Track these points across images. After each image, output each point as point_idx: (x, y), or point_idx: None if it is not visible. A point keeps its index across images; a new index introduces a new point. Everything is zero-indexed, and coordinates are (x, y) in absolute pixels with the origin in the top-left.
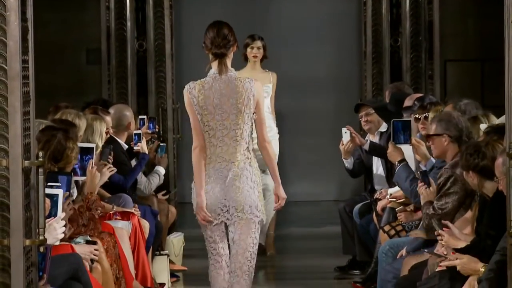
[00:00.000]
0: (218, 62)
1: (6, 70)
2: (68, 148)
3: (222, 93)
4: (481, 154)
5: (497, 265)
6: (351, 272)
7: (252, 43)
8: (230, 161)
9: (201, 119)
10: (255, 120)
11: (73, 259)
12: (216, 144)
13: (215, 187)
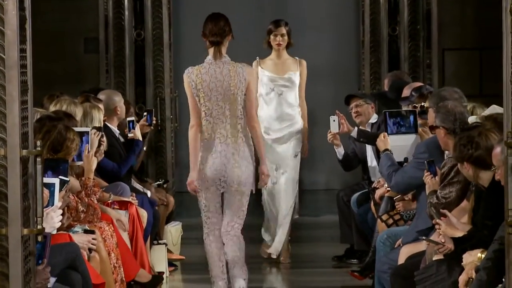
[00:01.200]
0: (214, 49)
1: (4, 59)
2: (68, 139)
3: (217, 77)
4: (474, 145)
5: (495, 254)
6: (348, 261)
7: (275, 30)
8: (228, 137)
9: (199, 100)
10: (245, 100)
11: (71, 248)
12: (213, 122)
13: (214, 160)
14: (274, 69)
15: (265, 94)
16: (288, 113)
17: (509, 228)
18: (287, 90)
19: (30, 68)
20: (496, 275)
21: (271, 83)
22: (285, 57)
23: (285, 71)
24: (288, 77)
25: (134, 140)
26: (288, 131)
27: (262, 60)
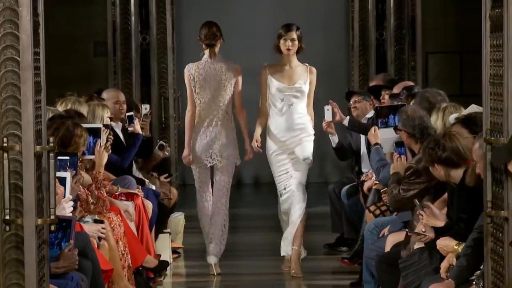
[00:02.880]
0: (209, 50)
1: (18, 62)
2: (76, 135)
3: (211, 72)
4: (441, 147)
5: (474, 242)
6: (339, 248)
7: (285, 34)
8: (215, 121)
9: (195, 91)
10: (233, 92)
11: (81, 237)
12: (205, 108)
13: (204, 139)
14: (283, 78)
15: (275, 105)
16: (298, 122)
17: (487, 218)
18: (297, 101)
19: (43, 70)
20: (476, 261)
21: (280, 94)
22: (295, 63)
23: (295, 80)
24: (298, 87)
25: (134, 134)
26: (297, 139)
27: (271, 66)
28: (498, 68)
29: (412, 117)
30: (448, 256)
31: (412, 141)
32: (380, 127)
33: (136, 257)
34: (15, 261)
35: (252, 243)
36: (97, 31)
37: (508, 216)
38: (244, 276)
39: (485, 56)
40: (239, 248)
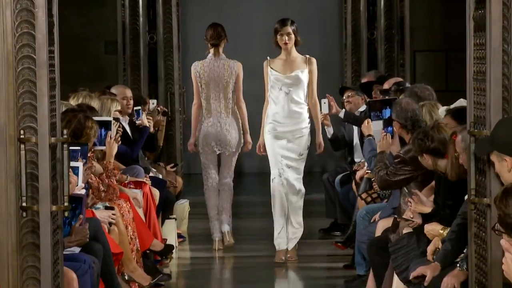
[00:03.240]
0: (213, 49)
1: (34, 59)
2: (87, 127)
3: (215, 70)
4: (430, 138)
5: (458, 228)
6: (333, 233)
7: (281, 29)
8: (221, 112)
9: (201, 86)
10: (235, 87)
11: (93, 222)
12: (210, 102)
13: (212, 129)
14: (282, 69)
15: (273, 94)
16: (295, 111)
17: (471, 204)
18: (294, 89)
19: (58, 67)
20: (460, 245)
21: (278, 83)
22: (294, 55)
23: (292, 70)
24: (295, 75)
25: (142, 126)
26: (295, 128)
27: (272, 60)
28: (481, 65)
29: (405, 109)
30: (434, 240)
31: (403, 132)
32: (373, 119)
33: (144, 241)
34: (31, 245)
35: (253, 228)
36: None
37: (490, 203)
38: (245, 258)
39: (469, 54)
40: (241, 232)
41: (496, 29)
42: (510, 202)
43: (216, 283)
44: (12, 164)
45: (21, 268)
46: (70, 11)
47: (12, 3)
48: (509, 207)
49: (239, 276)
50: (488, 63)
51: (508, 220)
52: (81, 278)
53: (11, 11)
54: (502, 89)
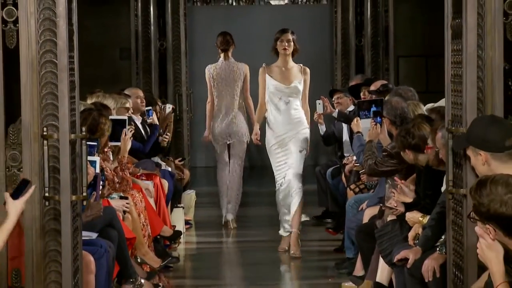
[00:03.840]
0: (223, 54)
1: (56, 64)
2: (101, 123)
3: (226, 72)
4: (411, 135)
5: (437, 215)
6: (325, 220)
7: (281, 36)
8: (231, 109)
9: (214, 86)
10: (243, 87)
11: (109, 211)
12: (221, 99)
13: (222, 123)
14: (281, 78)
15: (274, 103)
16: (295, 117)
17: (449, 194)
18: (294, 99)
19: (77, 70)
20: (439, 231)
21: (278, 93)
22: (290, 64)
23: (291, 80)
24: (294, 86)
25: (153, 124)
26: (294, 131)
27: (269, 67)
28: (458, 69)
29: (395, 107)
30: (415, 227)
31: (392, 127)
32: (362, 118)
33: (154, 228)
34: (53, 231)
35: (259, 215)
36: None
37: (466, 193)
38: (250, 243)
39: (447, 59)
40: (247, 220)
41: (472, 36)
42: (484, 192)
43: (220, 265)
44: (36, 159)
45: (44, 252)
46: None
47: (36, 13)
48: (483, 197)
49: (241, 259)
50: (464, 67)
51: (482, 209)
52: (98, 261)
53: (35, 21)
54: (477, 90)
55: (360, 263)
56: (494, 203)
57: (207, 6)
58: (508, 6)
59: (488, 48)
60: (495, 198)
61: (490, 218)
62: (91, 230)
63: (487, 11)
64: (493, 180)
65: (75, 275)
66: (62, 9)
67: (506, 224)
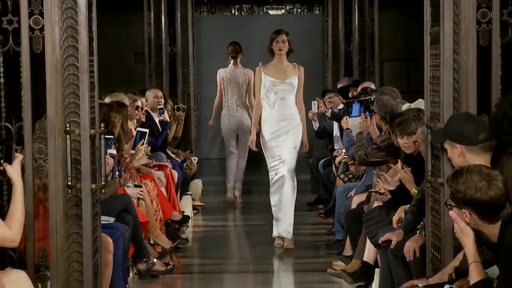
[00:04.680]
0: (233, 60)
1: (78, 67)
2: (111, 116)
3: (234, 75)
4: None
5: (417, 202)
6: (317, 206)
7: (276, 37)
8: (238, 106)
9: (224, 87)
10: (248, 88)
11: (125, 197)
12: (229, 98)
13: (230, 118)
14: (276, 75)
15: (269, 98)
16: (289, 113)
17: (428, 183)
18: (288, 94)
19: (96, 73)
20: (418, 216)
21: (273, 88)
22: (285, 63)
23: (286, 76)
24: (289, 81)
25: (164, 121)
26: (288, 127)
27: (265, 66)
28: (436, 72)
29: (386, 105)
30: (398, 211)
31: (382, 122)
32: (351, 116)
33: (166, 213)
34: (75, 216)
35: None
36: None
37: (444, 182)
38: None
39: (426, 63)
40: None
41: (448, 42)
42: (460, 180)
43: (223, 245)
44: (60, 151)
45: (67, 234)
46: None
47: (60, 21)
48: (460, 185)
49: (242, 240)
50: (441, 70)
51: (459, 195)
52: (116, 242)
53: (59, 28)
54: (453, 91)
55: (349, 244)
56: (470, 190)
57: (212, 16)
58: (481, 15)
59: (463, 52)
60: (470, 185)
61: (466, 203)
62: (109, 215)
63: (462, 20)
64: (468, 169)
65: (95, 255)
66: (83, 18)
67: (480, 208)
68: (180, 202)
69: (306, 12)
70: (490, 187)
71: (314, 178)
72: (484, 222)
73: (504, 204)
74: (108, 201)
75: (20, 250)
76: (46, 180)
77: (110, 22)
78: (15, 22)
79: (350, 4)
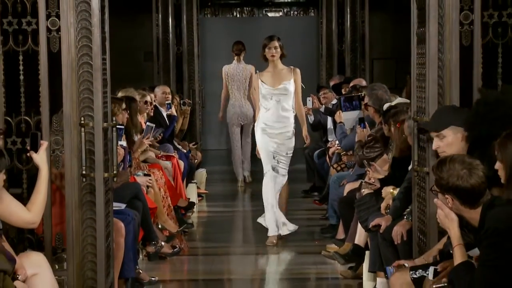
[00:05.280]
0: (237, 57)
1: (91, 65)
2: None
3: (237, 71)
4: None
5: (405, 189)
6: (312, 193)
7: (269, 43)
8: (241, 99)
9: (228, 82)
10: (249, 83)
11: (135, 185)
12: (233, 92)
13: (234, 109)
14: (271, 81)
15: (265, 103)
16: (284, 116)
17: (415, 172)
18: (284, 98)
19: (109, 70)
20: (405, 203)
21: (269, 95)
22: (280, 67)
23: (280, 82)
24: (283, 87)
25: (171, 115)
26: (283, 131)
27: (261, 73)
28: (422, 69)
29: (380, 98)
30: (386, 198)
31: (376, 115)
32: (344, 110)
33: (173, 199)
34: (89, 202)
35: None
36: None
37: (429, 171)
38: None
39: (413, 61)
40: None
41: (433, 42)
42: (444, 169)
43: (226, 229)
44: (75, 143)
45: (82, 219)
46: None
47: (75, 23)
48: (443, 173)
49: (243, 225)
50: (427, 67)
51: (443, 182)
52: (127, 227)
53: (74, 29)
54: (438, 87)
55: (342, 229)
56: (452, 178)
57: (215, 18)
58: (463, 17)
59: (447, 51)
60: (453, 174)
61: (449, 189)
62: (121, 201)
63: (446, 21)
64: (452, 159)
65: (107, 239)
66: (96, 20)
67: (462, 194)
68: (186, 189)
69: (302, 14)
70: (471, 176)
71: (309, 167)
72: (466, 207)
73: (484, 191)
74: (120, 189)
75: (39, 234)
76: (62, 169)
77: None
78: (33, 23)
79: (342, 7)
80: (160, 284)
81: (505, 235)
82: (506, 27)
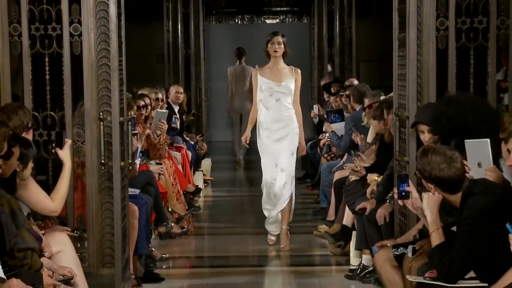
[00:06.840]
0: (239, 60)
1: (109, 66)
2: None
3: (239, 71)
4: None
5: (387, 177)
6: (305, 180)
7: (272, 39)
8: (243, 94)
9: (233, 81)
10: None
11: (148, 173)
12: (237, 91)
13: (237, 103)
14: (272, 77)
15: (265, 100)
16: (284, 115)
17: (396, 161)
18: (284, 96)
19: (124, 71)
20: (388, 188)
21: (269, 90)
22: (281, 65)
23: (282, 79)
24: (285, 84)
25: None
26: (285, 130)
27: (261, 69)
28: (403, 70)
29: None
30: (371, 185)
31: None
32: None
33: (181, 185)
34: (107, 188)
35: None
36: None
37: (409, 160)
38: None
39: (395, 62)
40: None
41: (413, 46)
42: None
43: (229, 212)
44: (95, 135)
45: (101, 203)
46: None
47: (94, 28)
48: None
49: (244, 208)
50: (407, 68)
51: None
52: (140, 209)
53: (94, 34)
54: (417, 85)
55: (332, 211)
56: (434, 170)
57: (219, 24)
58: (439, 23)
59: (425, 54)
60: (434, 166)
61: (431, 180)
62: (135, 187)
63: (424, 27)
64: (434, 150)
65: (123, 220)
66: (114, 26)
67: (442, 184)
68: (193, 176)
69: (296, 21)
70: (450, 168)
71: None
72: (447, 194)
73: (462, 181)
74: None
75: (63, 216)
76: (84, 159)
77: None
78: (58, 29)
79: (332, 15)
80: (170, 260)
81: (483, 221)
82: (477, 32)
